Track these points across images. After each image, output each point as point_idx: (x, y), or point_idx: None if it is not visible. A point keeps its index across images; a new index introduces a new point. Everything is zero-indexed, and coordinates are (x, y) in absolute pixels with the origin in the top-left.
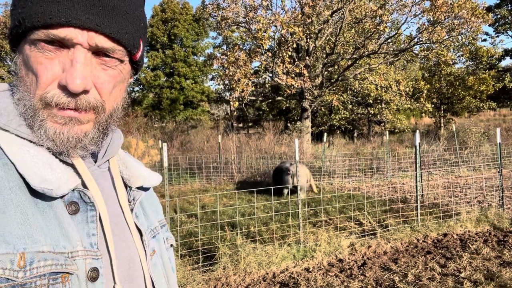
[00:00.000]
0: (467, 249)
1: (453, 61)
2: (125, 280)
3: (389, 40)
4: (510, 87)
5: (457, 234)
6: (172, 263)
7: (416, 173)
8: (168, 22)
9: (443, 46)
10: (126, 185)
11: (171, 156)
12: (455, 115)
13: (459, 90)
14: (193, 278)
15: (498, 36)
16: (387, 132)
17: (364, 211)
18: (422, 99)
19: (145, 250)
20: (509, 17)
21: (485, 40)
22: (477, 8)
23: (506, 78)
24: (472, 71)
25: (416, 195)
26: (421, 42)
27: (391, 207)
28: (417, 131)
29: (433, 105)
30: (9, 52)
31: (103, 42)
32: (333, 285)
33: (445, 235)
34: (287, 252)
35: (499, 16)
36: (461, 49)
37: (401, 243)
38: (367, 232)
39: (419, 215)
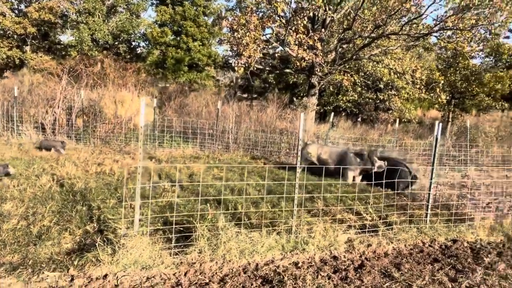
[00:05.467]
0: (480, 261)
1: (475, 53)
2: None
3: (412, 22)
4: None
5: (467, 242)
6: None
7: (432, 169)
8: None
9: (466, 37)
10: None
11: (166, 117)
12: (464, 111)
13: (474, 86)
14: (162, 260)
15: None
16: (398, 120)
17: (366, 202)
18: (437, 89)
19: None
20: None
21: (507, 37)
22: None
23: None
24: (489, 68)
25: (429, 193)
26: (447, 28)
27: (397, 203)
28: (439, 122)
29: (446, 98)
30: None
31: None
32: None
33: (454, 241)
34: (275, 241)
35: None
36: (481, 43)
37: (405, 245)
38: (368, 228)
39: (428, 215)
